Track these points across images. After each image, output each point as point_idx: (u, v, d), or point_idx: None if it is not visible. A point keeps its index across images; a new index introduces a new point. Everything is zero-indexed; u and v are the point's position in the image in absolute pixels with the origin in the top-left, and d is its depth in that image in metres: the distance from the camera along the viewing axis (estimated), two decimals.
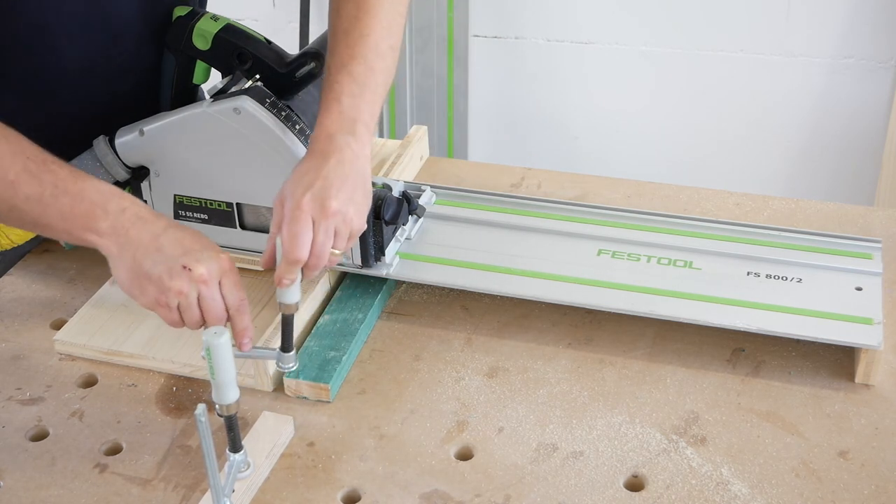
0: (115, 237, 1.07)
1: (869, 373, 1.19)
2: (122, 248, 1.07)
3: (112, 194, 1.09)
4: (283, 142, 1.25)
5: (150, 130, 1.30)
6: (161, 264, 1.05)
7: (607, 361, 1.24)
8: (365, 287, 1.33)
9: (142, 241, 1.06)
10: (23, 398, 1.22)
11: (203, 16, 1.31)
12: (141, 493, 1.09)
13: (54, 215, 1.08)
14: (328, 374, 1.20)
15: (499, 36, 2.81)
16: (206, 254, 1.07)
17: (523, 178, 1.59)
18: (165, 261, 1.05)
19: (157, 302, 1.06)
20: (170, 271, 1.05)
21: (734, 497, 1.06)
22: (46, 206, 1.07)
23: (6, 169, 1.06)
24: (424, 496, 1.07)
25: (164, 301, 1.06)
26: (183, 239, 1.07)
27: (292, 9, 2.84)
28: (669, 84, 2.74)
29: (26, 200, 1.07)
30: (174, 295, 1.05)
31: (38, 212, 1.08)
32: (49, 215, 1.08)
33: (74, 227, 1.08)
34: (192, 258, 1.05)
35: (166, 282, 1.05)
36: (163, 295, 1.05)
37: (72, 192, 1.07)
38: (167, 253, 1.06)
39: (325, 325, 1.28)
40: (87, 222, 1.07)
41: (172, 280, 1.05)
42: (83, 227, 1.07)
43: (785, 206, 1.50)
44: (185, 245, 1.07)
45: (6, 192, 1.07)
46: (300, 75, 1.28)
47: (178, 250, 1.06)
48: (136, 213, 1.08)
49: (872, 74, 2.58)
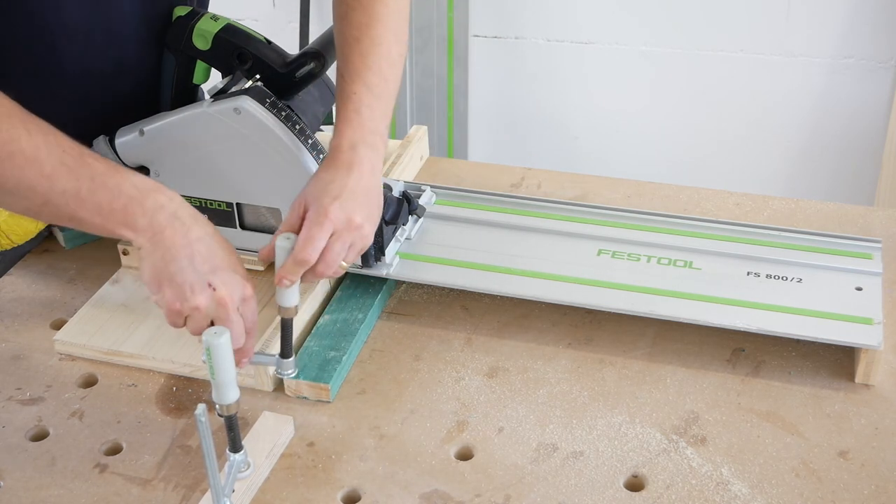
0: (151, 234, 1.06)
1: (869, 373, 1.19)
2: (156, 245, 1.06)
3: (149, 190, 1.07)
4: (283, 142, 1.25)
5: (150, 130, 1.30)
6: (187, 275, 1.04)
7: (607, 361, 1.24)
8: (365, 287, 1.33)
9: (175, 244, 1.06)
10: (23, 398, 1.22)
11: (203, 16, 1.31)
12: (141, 493, 1.09)
13: (91, 210, 1.06)
14: (328, 374, 1.20)
15: (499, 36, 2.81)
16: (234, 277, 1.06)
17: (523, 178, 1.59)
18: (192, 273, 1.05)
19: (171, 308, 1.06)
20: (193, 286, 1.04)
21: (734, 497, 1.06)
22: (83, 200, 1.06)
23: (42, 162, 1.05)
24: (424, 496, 1.07)
25: (177, 308, 1.05)
26: (215, 255, 1.07)
27: (292, 9, 2.84)
28: (669, 84, 2.74)
29: (62, 195, 1.06)
30: (190, 308, 1.05)
31: (74, 206, 1.06)
32: (85, 210, 1.06)
33: (110, 221, 1.07)
34: (219, 279, 1.05)
35: (187, 293, 1.04)
36: (178, 303, 1.05)
37: (109, 186, 1.06)
38: (196, 265, 1.05)
39: (325, 325, 1.28)
40: (125, 218, 1.06)
41: (195, 295, 1.04)
42: (120, 222, 1.06)
43: (785, 206, 1.50)
44: (216, 262, 1.06)
45: (42, 186, 1.05)
46: (300, 75, 1.28)
47: (207, 266, 1.05)
48: (174, 212, 1.07)
49: (872, 74, 2.58)
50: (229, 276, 1.06)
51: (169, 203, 1.07)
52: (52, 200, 1.06)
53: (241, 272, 1.08)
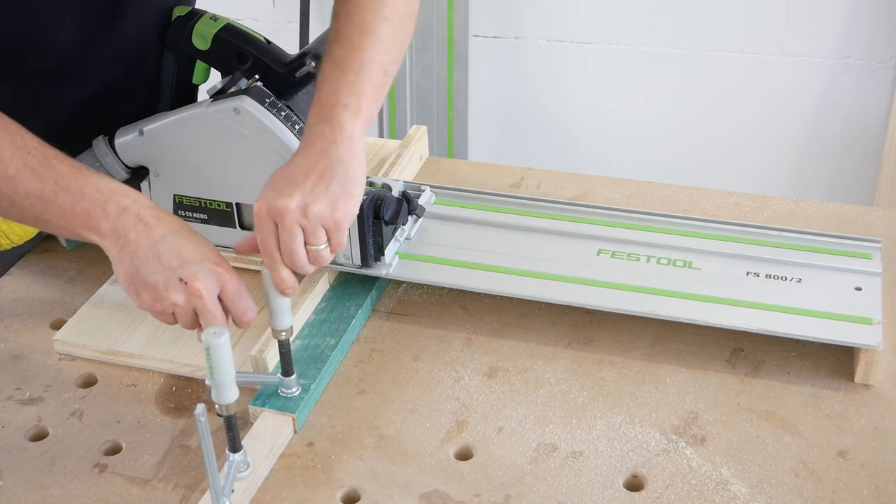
0: (116, 239, 1.06)
1: (869, 373, 1.19)
2: (122, 249, 1.06)
3: (112, 193, 1.07)
4: (283, 142, 1.25)
5: (150, 130, 1.30)
6: (158, 274, 1.04)
7: (607, 361, 1.24)
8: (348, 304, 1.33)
9: (140, 247, 1.05)
10: (23, 398, 1.22)
11: (203, 16, 1.31)
12: (141, 493, 1.09)
13: (54, 213, 1.06)
14: (294, 403, 1.17)
15: (499, 36, 2.81)
16: (203, 266, 1.05)
17: (523, 178, 1.59)
18: (163, 271, 1.04)
19: (153, 310, 1.06)
20: (166, 283, 1.04)
21: (734, 497, 1.06)
22: (47, 203, 1.06)
23: (6, 163, 1.05)
24: (424, 496, 1.07)
25: (159, 309, 1.06)
26: (182, 249, 1.06)
27: (292, 9, 2.84)
28: (669, 84, 2.74)
29: (27, 196, 1.06)
30: (169, 306, 1.05)
31: (38, 208, 1.07)
32: (49, 213, 1.07)
33: (74, 225, 1.07)
34: (189, 272, 1.04)
35: (162, 293, 1.05)
36: (158, 304, 1.05)
37: (72, 189, 1.06)
38: (164, 263, 1.04)
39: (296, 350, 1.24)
40: (88, 222, 1.06)
41: (168, 292, 1.04)
42: (83, 225, 1.07)
43: (785, 206, 1.50)
44: (184, 256, 1.05)
45: (7, 188, 1.06)
46: (300, 75, 1.29)
47: (175, 261, 1.05)
48: (137, 215, 1.06)
49: (872, 74, 2.58)
50: (199, 267, 1.05)
51: (132, 205, 1.06)
52: (17, 202, 1.06)
53: (213, 260, 1.06)
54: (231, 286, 1.07)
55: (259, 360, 1.21)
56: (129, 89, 1.36)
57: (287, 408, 1.16)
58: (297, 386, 1.17)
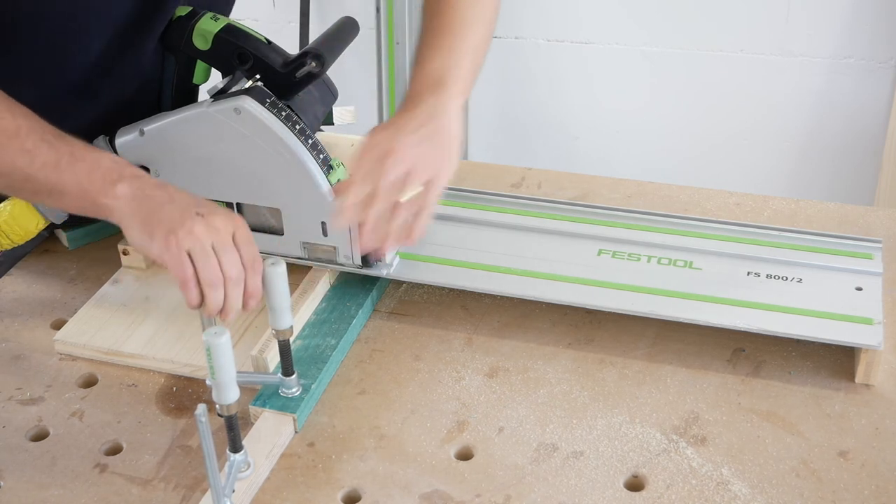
0: (131, 198, 1.09)
1: (869, 373, 1.19)
2: (140, 204, 1.08)
3: (127, 164, 1.13)
4: (284, 142, 1.25)
5: (150, 130, 1.30)
6: (175, 211, 1.07)
7: (607, 361, 1.24)
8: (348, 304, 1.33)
9: (154, 195, 1.09)
10: (23, 398, 1.22)
11: (203, 16, 1.31)
12: (141, 493, 1.09)
13: (70, 181, 1.10)
14: (294, 403, 1.17)
15: (499, 36, 2.80)
16: (219, 208, 1.10)
17: (523, 178, 1.59)
18: (179, 208, 1.07)
19: (167, 246, 1.04)
20: (182, 215, 1.06)
21: (734, 497, 1.06)
22: (63, 171, 1.10)
23: (23, 138, 1.10)
24: (424, 496, 1.07)
25: (174, 242, 1.04)
26: (195, 198, 1.11)
27: (292, 9, 2.83)
28: (669, 84, 2.74)
29: (43, 168, 1.10)
30: (185, 234, 1.04)
31: (54, 178, 1.10)
32: (65, 181, 1.10)
33: (91, 190, 1.10)
34: (207, 209, 1.08)
35: (178, 225, 1.05)
36: (173, 237, 1.04)
37: (88, 159, 1.11)
38: (181, 204, 1.08)
39: (297, 350, 1.24)
40: (104, 186, 1.09)
41: (185, 222, 1.05)
42: (100, 190, 1.09)
43: (785, 206, 1.50)
44: (199, 200, 1.10)
45: (23, 161, 1.10)
46: (300, 75, 1.28)
47: (192, 202, 1.09)
48: (153, 181, 1.12)
49: (872, 74, 2.58)
50: (215, 208, 1.10)
51: (146, 175, 1.13)
52: (33, 175, 1.10)
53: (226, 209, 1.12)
54: (244, 232, 1.09)
55: (260, 360, 1.21)
56: (140, 101, 1.37)
57: (288, 408, 1.16)
58: (297, 386, 1.17)
